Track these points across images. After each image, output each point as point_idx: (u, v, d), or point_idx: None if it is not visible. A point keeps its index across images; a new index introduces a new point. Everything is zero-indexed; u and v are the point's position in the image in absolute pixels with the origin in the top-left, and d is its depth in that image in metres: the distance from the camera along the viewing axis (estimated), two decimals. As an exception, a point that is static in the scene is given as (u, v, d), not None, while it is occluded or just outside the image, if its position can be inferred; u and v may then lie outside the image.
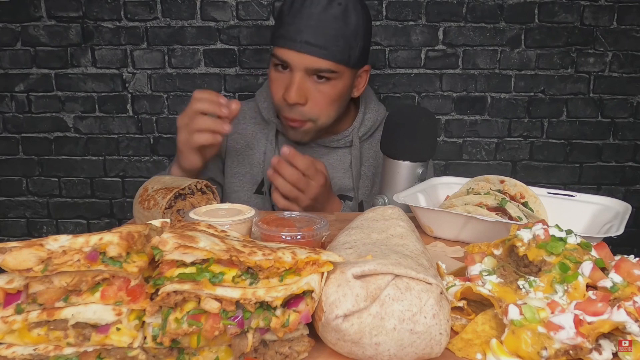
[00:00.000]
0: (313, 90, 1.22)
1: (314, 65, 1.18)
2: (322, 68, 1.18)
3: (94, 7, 1.89)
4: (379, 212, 0.73)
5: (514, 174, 2.05)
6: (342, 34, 1.18)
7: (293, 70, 1.20)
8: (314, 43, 1.16)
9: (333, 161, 1.35)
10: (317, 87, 1.21)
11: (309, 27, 1.16)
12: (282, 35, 1.19)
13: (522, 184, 1.00)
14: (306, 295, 0.51)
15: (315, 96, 1.22)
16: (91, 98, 1.98)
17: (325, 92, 1.22)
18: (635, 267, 0.55)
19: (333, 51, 1.18)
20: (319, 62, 1.18)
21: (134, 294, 0.49)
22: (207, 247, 0.49)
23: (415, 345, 0.51)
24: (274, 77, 1.25)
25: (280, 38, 1.20)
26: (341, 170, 1.36)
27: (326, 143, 1.35)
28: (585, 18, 1.91)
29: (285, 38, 1.18)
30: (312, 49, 1.17)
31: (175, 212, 0.85)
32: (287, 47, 1.18)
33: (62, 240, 0.48)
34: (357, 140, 1.34)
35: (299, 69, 1.19)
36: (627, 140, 2.02)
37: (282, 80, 1.23)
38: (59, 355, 0.49)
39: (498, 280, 0.61)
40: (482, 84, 1.97)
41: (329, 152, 1.35)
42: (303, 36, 1.16)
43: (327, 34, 1.16)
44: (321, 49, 1.17)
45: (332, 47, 1.17)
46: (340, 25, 1.17)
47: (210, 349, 0.52)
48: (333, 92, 1.23)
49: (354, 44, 1.21)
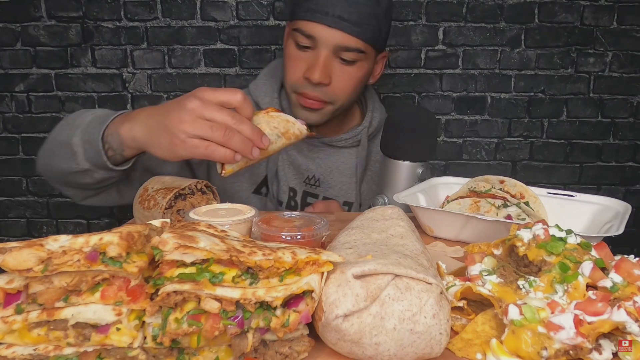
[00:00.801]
0: (338, 71, 1.15)
1: (345, 43, 1.11)
2: (352, 47, 1.11)
3: (94, 7, 1.89)
4: (379, 212, 0.73)
5: (514, 174, 2.05)
6: (374, 13, 1.11)
7: (319, 47, 1.12)
8: (347, 18, 1.08)
9: (339, 164, 1.30)
10: (342, 68, 1.15)
11: (343, 1, 1.08)
12: (309, 8, 1.10)
13: (522, 184, 1.00)
14: (306, 295, 0.51)
15: (339, 77, 1.15)
16: (91, 98, 1.98)
17: (350, 74, 1.16)
18: (635, 267, 0.55)
19: (365, 29, 1.11)
20: (350, 40, 1.10)
21: (134, 294, 0.49)
22: (207, 247, 0.49)
23: (415, 345, 0.51)
24: (294, 54, 1.16)
25: (307, 11, 1.10)
26: (347, 173, 1.30)
27: (333, 142, 1.29)
28: (585, 18, 1.91)
29: (314, 11, 1.09)
30: (345, 25, 1.09)
31: (175, 212, 0.85)
32: (316, 21, 1.09)
33: (62, 241, 0.48)
34: (366, 139, 1.29)
35: (326, 45, 1.11)
36: (627, 140, 2.02)
37: (304, 59, 1.14)
38: (59, 355, 0.49)
39: (498, 280, 0.61)
40: (482, 84, 1.97)
41: (335, 153, 1.30)
42: (336, 10, 1.08)
43: (360, 10, 1.09)
44: (354, 25, 1.09)
45: (364, 24, 1.10)
46: (373, 3, 1.11)
47: (210, 349, 0.52)
48: (358, 74, 1.17)
49: (383, 25, 1.15)
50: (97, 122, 0.95)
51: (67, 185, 1.07)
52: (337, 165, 1.30)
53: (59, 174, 1.04)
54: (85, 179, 0.99)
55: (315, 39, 1.11)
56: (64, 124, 1.05)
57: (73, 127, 0.99)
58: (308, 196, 1.31)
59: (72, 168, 0.98)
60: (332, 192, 1.30)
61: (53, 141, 1.04)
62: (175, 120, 0.81)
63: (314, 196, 1.31)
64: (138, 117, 0.90)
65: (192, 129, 0.80)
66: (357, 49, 1.12)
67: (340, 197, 1.30)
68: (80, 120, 0.99)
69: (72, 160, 0.96)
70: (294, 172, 1.29)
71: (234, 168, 0.88)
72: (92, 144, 0.93)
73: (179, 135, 0.81)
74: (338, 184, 1.29)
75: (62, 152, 0.98)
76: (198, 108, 0.81)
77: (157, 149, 0.86)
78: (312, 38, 1.11)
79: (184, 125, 0.81)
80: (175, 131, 0.81)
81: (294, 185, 1.29)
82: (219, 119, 0.81)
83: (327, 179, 1.30)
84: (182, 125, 0.81)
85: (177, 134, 0.81)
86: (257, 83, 1.32)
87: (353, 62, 1.14)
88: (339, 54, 1.13)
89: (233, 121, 0.82)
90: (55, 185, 1.12)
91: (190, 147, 0.81)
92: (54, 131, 1.07)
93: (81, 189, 1.06)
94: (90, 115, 1.00)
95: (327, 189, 1.31)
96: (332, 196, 1.30)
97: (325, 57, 1.12)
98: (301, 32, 1.12)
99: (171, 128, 0.82)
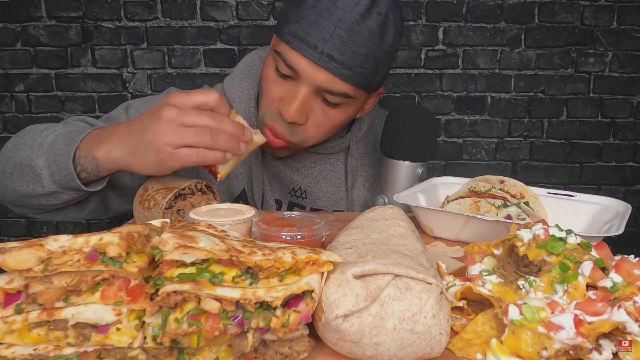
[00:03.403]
0: (317, 111, 1.00)
1: (330, 86, 0.95)
2: (338, 91, 0.96)
3: (94, 7, 1.89)
4: (379, 212, 0.73)
5: (514, 174, 2.05)
6: (372, 55, 0.94)
7: (299, 82, 0.96)
8: (338, 59, 0.92)
9: (325, 172, 1.18)
10: (322, 109, 1.00)
11: (336, 36, 0.91)
12: (297, 34, 0.93)
13: (522, 184, 1.00)
14: (306, 295, 0.51)
15: (318, 118, 1.01)
16: (91, 98, 1.98)
17: (330, 116, 1.01)
18: (635, 267, 0.55)
19: (357, 73, 0.95)
20: (337, 83, 0.95)
21: (134, 294, 0.49)
22: (207, 247, 0.49)
23: (415, 345, 0.51)
24: (272, 78, 1.00)
25: (294, 37, 0.93)
26: (335, 182, 1.19)
27: (319, 149, 1.16)
28: (585, 18, 1.91)
29: (301, 40, 0.92)
30: (334, 66, 0.93)
31: (175, 212, 0.85)
32: (301, 53, 0.93)
33: (62, 241, 0.48)
34: (355, 145, 1.18)
35: (309, 83, 0.96)
36: (627, 140, 2.02)
37: (281, 86, 1.00)
38: (59, 355, 0.49)
39: (498, 280, 0.61)
40: (482, 84, 1.97)
41: (321, 160, 1.18)
42: (327, 46, 0.91)
43: (356, 51, 0.92)
44: (345, 68, 0.93)
45: (357, 68, 0.94)
46: (374, 43, 0.94)
47: (210, 349, 0.52)
48: (340, 117, 1.03)
49: (382, 67, 0.99)
50: (62, 143, 0.88)
51: (24, 206, 0.99)
52: (323, 173, 1.18)
53: (16, 196, 0.95)
54: (50, 200, 0.92)
55: (297, 73, 0.95)
56: (20, 143, 0.95)
57: (33, 147, 0.91)
58: (294, 207, 1.21)
59: (36, 191, 0.90)
60: (321, 203, 1.20)
61: (9, 162, 0.94)
62: (156, 134, 0.77)
63: (301, 207, 1.21)
64: (113, 137, 0.84)
65: (177, 139, 0.77)
66: (344, 93, 0.97)
67: (329, 207, 1.20)
68: (41, 140, 0.91)
69: (35, 182, 0.89)
70: (278, 183, 1.19)
71: (227, 169, 0.86)
72: (60, 166, 0.86)
73: (165, 149, 0.77)
74: (327, 194, 1.19)
75: (22, 174, 0.91)
76: (177, 116, 0.77)
77: (144, 167, 0.82)
78: (294, 70, 0.95)
79: (168, 137, 0.77)
80: (159, 145, 0.77)
81: (278, 196, 1.20)
82: (201, 123, 0.78)
83: (314, 190, 1.19)
84: (165, 138, 0.77)
85: (163, 148, 0.77)
86: (232, 82, 1.17)
87: (337, 105, 1.00)
88: (322, 94, 0.98)
89: (214, 122, 0.79)
90: (8, 205, 1.03)
91: (180, 158, 0.78)
92: (7, 151, 0.96)
93: (38, 209, 0.98)
94: (50, 133, 0.92)
95: (314, 200, 1.20)
96: (321, 207, 1.20)
97: (304, 95, 0.97)
98: (282, 59, 0.96)
99: (155, 143, 0.78)
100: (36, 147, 0.91)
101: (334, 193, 1.19)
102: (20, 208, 1.01)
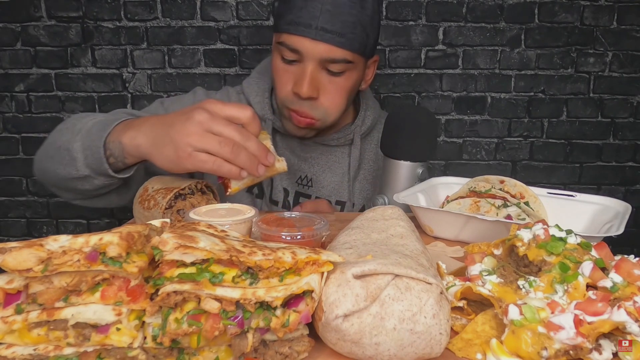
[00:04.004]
0: (326, 83, 1.13)
1: (330, 55, 1.08)
2: (338, 58, 1.09)
3: (94, 7, 1.89)
4: (379, 212, 0.73)
5: (514, 174, 2.05)
6: (359, 21, 1.08)
7: (305, 61, 1.10)
8: (331, 30, 1.06)
9: (331, 163, 1.30)
10: (330, 80, 1.13)
11: (325, 11, 1.05)
12: (292, 21, 1.07)
13: (522, 184, 1.00)
14: (306, 295, 0.51)
15: (328, 89, 1.13)
16: (91, 98, 1.98)
17: (339, 85, 1.14)
18: (635, 267, 0.55)
19: (350, 39, 1.08)
20: (335, 52, 1.08)
21: (134, 294, 0.49)
22: (207, 247, 0.49)
23: (415, 345, 0.51)
24: (281, 68, 1.14)
25: (290, 24, 1.07)
26: (339, 172, 1.30)
27: (326, 141, 1.28)
28: (585, 18, 1.91)
29: (297, 24, 1.06)
30: (329, 37, 1.06)
31: (175, 212, 0.85)
32: (299, 34, 1.07)
33: (62, 241, 0.48)
34: (359, 138, 1.29)
35: (312, 58, 1.09)
36: (627, 140, 2.02)
37: (291, 73, 1.13)
38: (59, 355, 0.49)
39: (498, 280, 0.61)
40: (482, 84, 1.97)
41: (327, 151, 1.30)
42: (319, 22, 1.05)
43: (344, 20, 1.06)
44: (339, 36, 1.07)
45: (349, 34, 1.07)
46: (357, 10, 1.08)
47: (210, 349, 0.52)
48: (347, 84, 1.15)
49: (370, 31, 1.12)
50: (98, 129, 0.93)
51: (64, 189, 1.05)
52: (329, 164, 1.29)
53: (56, 179, 1.02)
54: (84, 185, 0.98)
55: (301, 53, 1.09)
56: (63, 128, 1.03)
57: (73, 132, 0.97)
58: (300, 196, 1.30)
59: (71, 174, 0.96)
60: (324, 192, 1.30)
61: (52, 146, 1.02)
62: (181, 133, 0.80)
63: (306, 196, 1.30)
64: (142, 125, 0.89)
65: (199, 142, 0.80)
66: (344, 59, 1.10)
67: (332, 196, 1.30)
68: (81, 125, 0.97)
69: (71, 165, 0.95)
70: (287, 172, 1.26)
71: (240, 186, 0.87)
72: (93, 151, 0.91)
73: (185, 148, 0.80)
74: (330, 184, 1.29)
75: (61, 157, 0.97)
76: (206, 121, 0.80)
77: (161, 160, 0.84)
78: (297, 52, 1.09)
79: (191, 138, 0.80)
80: (181, 144, 0.80)
81: (286, 185, 1.29)
82: (227, 134, 0.81)
83: (319, 179, 1.30)
84: (189, 138, 0.80)
85: (183, 147, 0.80)
86: (249, 81, 1.30)
87: (341, 73, 1.12)
88: (325, 66, 1.11)
89: (240, 137, 0.81)
90: (52, 189, 1.10)
91: (197, 161, 0.81)
92: (52, 135, 1.05)
93: (79, 194, 1.05)
94: (90, 120, 0.98)
95: (319, 188, 1.30)
96: (324, 196, 1.29)
97: (311, 71, 1.10)
98: (285, 46, 1.10)
99: (177, 140, 0.81)
100: (76, 132, 0.97)
101: (337, 183, 1.29)
102: (63, 192, 1.07)
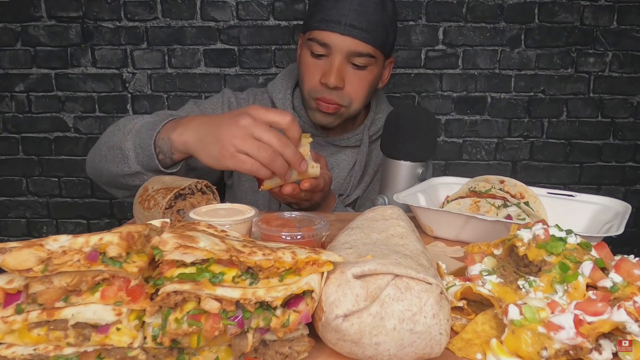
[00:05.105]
0: (351, 75, 1.25)
1: (357, 49, 1.21)
2: (363, 52, 1.21)
3: (94, 7, 1.89)
4: (379, 212, 0.73)
5: (514, 174, 2.05)
6: (381, 20, 1.22)
7: (332, 54, 1.22)
8: (358, 26, 1.19)
9: (340, 161, 1.38)
10: (354, 72, 1.25)
11: (352, 10, 1.19)
12: (322, 18, 1.21)
13: (522, 184, 1.00)
14: (306, 295, 0.51)
15: (352, 80, 1.25)
16: (91, 98, 1.98)
17: (362, 77, 1.26)
18: (635, 267, 0.55)
19: (374, 36, 1.21)
20: (361, 46, 1.20)
21: (134, 294, 0.49)
22: (207, 247, 0.49)
23: (415, 345, 0.51)
24: (310, 62, 1.26)
25: (321, 21, 1.22)
26: (346, 170, 1.37)
27: (336, 142, 1.36)
28: (585, 18, 1.91)
29: (327, 21, 1.20)
30: (356, 32, 1.19)
31: (175, 212, 0.85)
32: (330, 30, 1.20)
33: (62, 241, 0.48)
34: (367, 138, 1.36)
35: (340, 52, 1.21)
36: (627, 140, 2.02)
37: (319, 66, 1.25)
38: (59, 355, 0.49)
39: (498, 280, 0.61)
40: (482, 84, 1.97)
41: (337, 151, 1.38)
42: (348, 19, 1.19)
43: (369, 19, 1.20)
44: (364, 32, 1.20)
45: (373, 31, 1.21)
46: (380, 10, 1.21)
47: (210, 349, 0.52)
48: (369, 77, 1.27)
49: (390, 31, 1.26)
50: (147, 128, 1.03)
51: (117, 187, 1.14)
52: (337, 162, 1.37)
53: (109, 177, 1.11)
54: (134, 181, 1.06)
55: (330, 47, 1.21)
56: (114, 129, 1.12)
57: (124, 132, 1.07)
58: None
59: (124, 171, 1.06)
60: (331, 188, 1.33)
61: (104, 146, 1.11)
62: (227, 134, 0.91)
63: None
64: (190, 124, 0.99)
65: (241, 145, 0.90)
66: (368, 54, 1.22)
67: (337, 191, 1.36)
68: (131, 126, 1.08)
69: (123, 163, 1.05)
70: None
71: (272, 185, 0.96)
72: (144, 148, 1.01)
73: (229, 148, 0.91)
74: (337, 179, 1.37)
75: (113, 156, 1.07)
76: (249, 126, 0.90)
77: (206, 156, 0.95)
78: (327, 46, 1.21)
79: (235, 140, 0.90)
80: (226, 144, 0.91)
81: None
82: (266, 139, 0.90)
83: None
84: (233, 140, 0.90)
85: (227, 147, 0.91)
86: (274, 82, 1.42)
87: (364, 66, 1.24)
88: (351, 59, 1.22)
89: (278, 143, 0.90)
90: (104, 187, 1.20)
91: (238, 161, 0.91)
92: (103, 136, 1.15)
93: (129, 190, 1.12)
94: (140, 121, 1.08)
95: None
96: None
97: (339, 63, 1.22)
98: (316, 41, 1.22)
99: (222, 140, 0.91)
100: (127, 132, 1.07)
101: (343, 179, 1.37)
102: (115, 189, 1.17)
